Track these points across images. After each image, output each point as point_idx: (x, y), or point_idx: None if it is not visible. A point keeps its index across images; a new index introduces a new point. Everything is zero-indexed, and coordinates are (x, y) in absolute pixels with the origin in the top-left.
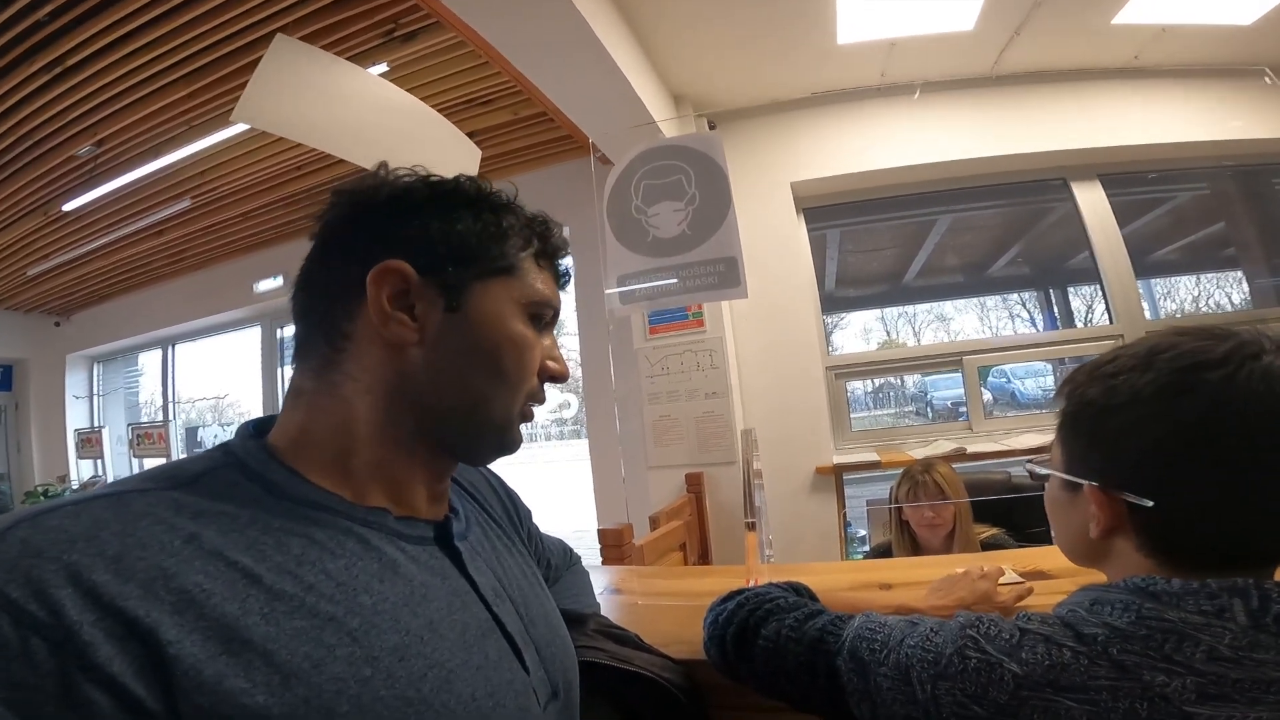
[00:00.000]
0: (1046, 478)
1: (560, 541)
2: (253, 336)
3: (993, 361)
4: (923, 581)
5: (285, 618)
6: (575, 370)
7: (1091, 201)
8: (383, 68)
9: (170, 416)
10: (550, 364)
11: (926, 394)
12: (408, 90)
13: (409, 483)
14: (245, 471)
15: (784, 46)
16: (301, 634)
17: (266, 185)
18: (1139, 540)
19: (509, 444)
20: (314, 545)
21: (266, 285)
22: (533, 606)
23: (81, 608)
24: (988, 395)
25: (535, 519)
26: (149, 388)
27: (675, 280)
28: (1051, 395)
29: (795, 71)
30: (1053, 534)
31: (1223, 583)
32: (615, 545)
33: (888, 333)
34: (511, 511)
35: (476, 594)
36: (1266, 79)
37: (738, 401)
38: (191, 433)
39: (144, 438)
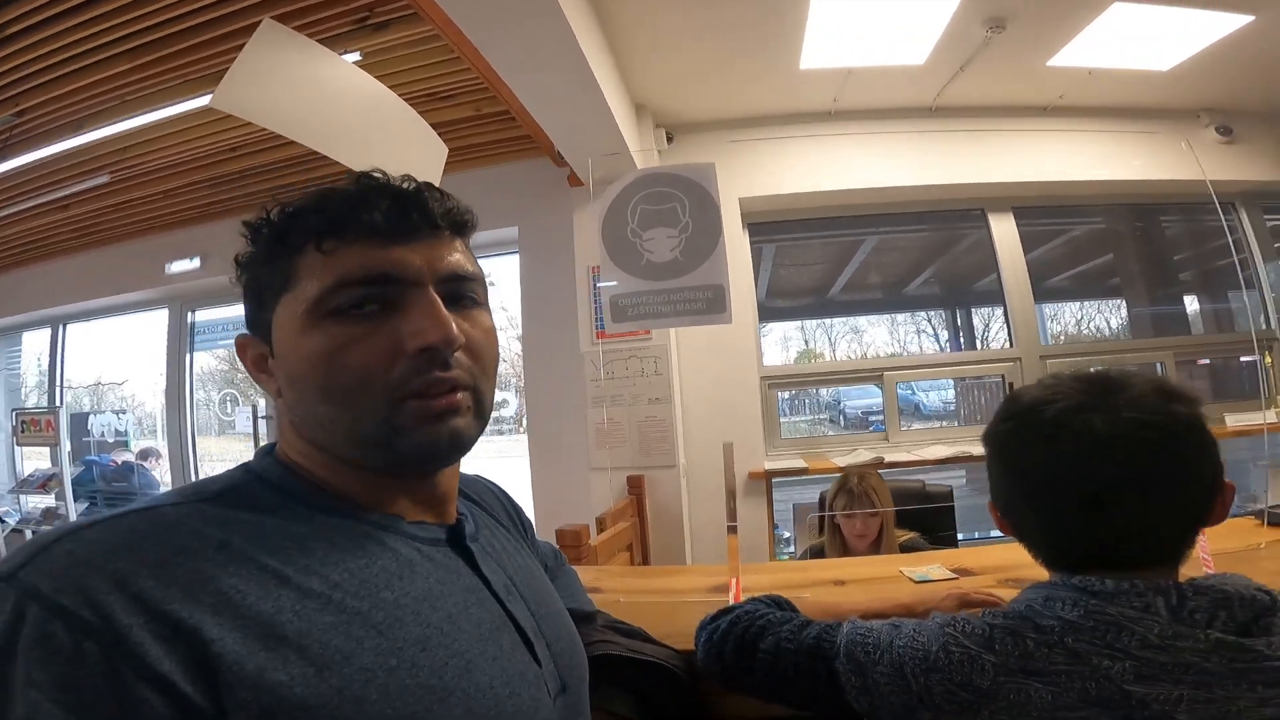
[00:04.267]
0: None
1: (549, 544)
2: (158, 319)
3: (910, 377)
4: (864, 579)
5: (315, 614)
6: (516, 366)
7: (1004, 232)
8: (355, 56)
9: (58, 402)
10: (411, 338)
11: (839, 402)
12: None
13: (392, 499)
14: (266, 484)
15: (750, 67)
16: (331, 628)
17: (196, 164)
18: (1030, 551)
19: (407, 448)
20: (335, 548)
21: (181, 266)
22: (542, 604)
23: (130, 612)
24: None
25: None
26: (32, 369)
27: (666, 303)
28: (952, 407)
29: (755, 91)
30: None
31: (1148, 583)
32: (574, 545)
33: (806, 342)
34: (516, 519)
35: (489, 591)
36: (1172, 136)
37: (679, 407)
38: (79, 420)
39: (30, 424)
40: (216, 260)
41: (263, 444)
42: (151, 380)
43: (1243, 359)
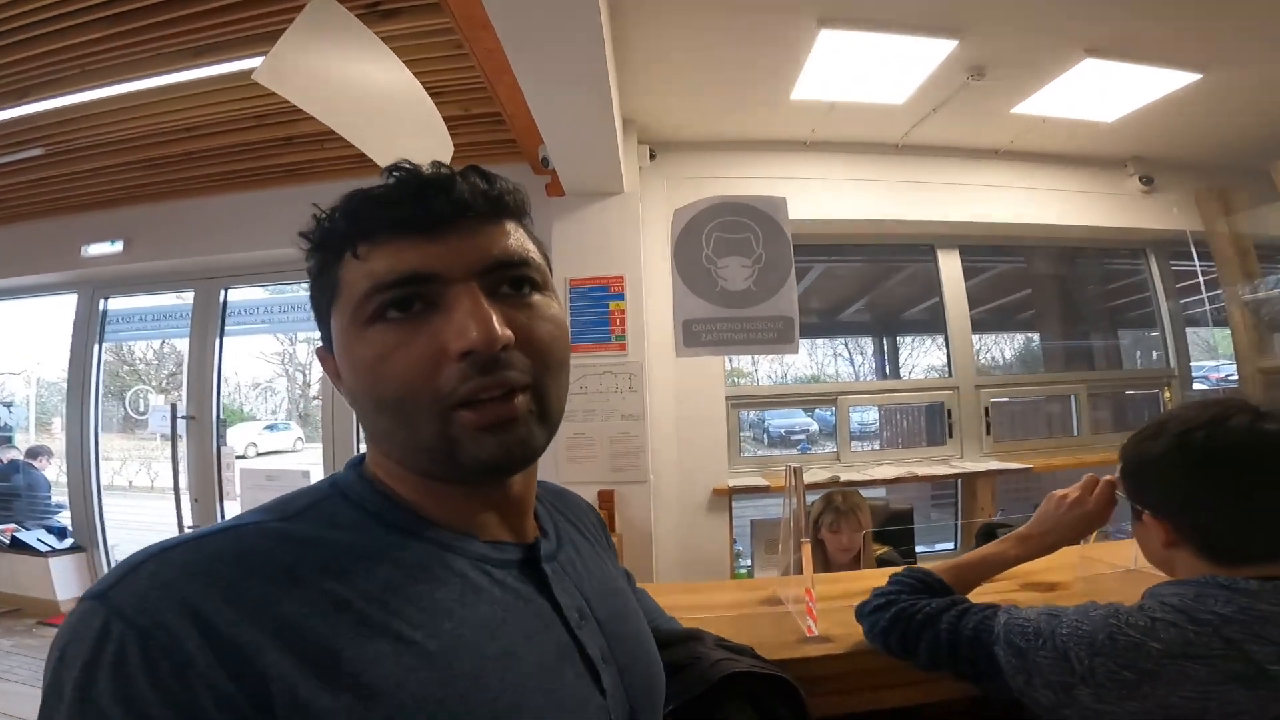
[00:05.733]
0: (1135, 508)
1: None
2: (65, 305)
3: (861, 402)
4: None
5: (370, 642)
6: None
7: (950, 267)
8: None
9: None
10: (452, 340)
11: (764, 421)
12: None
13: (467, 513)
14: (346, 500)
15: (742, 95)
16: (384, 657)
17: (139, 143)
18: (1193, 549)
19: (466, 461)
20: (401, 571)
21: (99, 249)
22: (619, 625)
23: (199, 634)
24: (815, 425)
25: None
26: None
27: (739, 331)
28: (873, 429)
29: (741, 117)
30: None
31: None
32: None
33: (731, 362)
34: (602, 532)
35: (559, 617)
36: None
37: (650, 424)
38: None
39: None
40: (143, 245)
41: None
42: (27, 369)
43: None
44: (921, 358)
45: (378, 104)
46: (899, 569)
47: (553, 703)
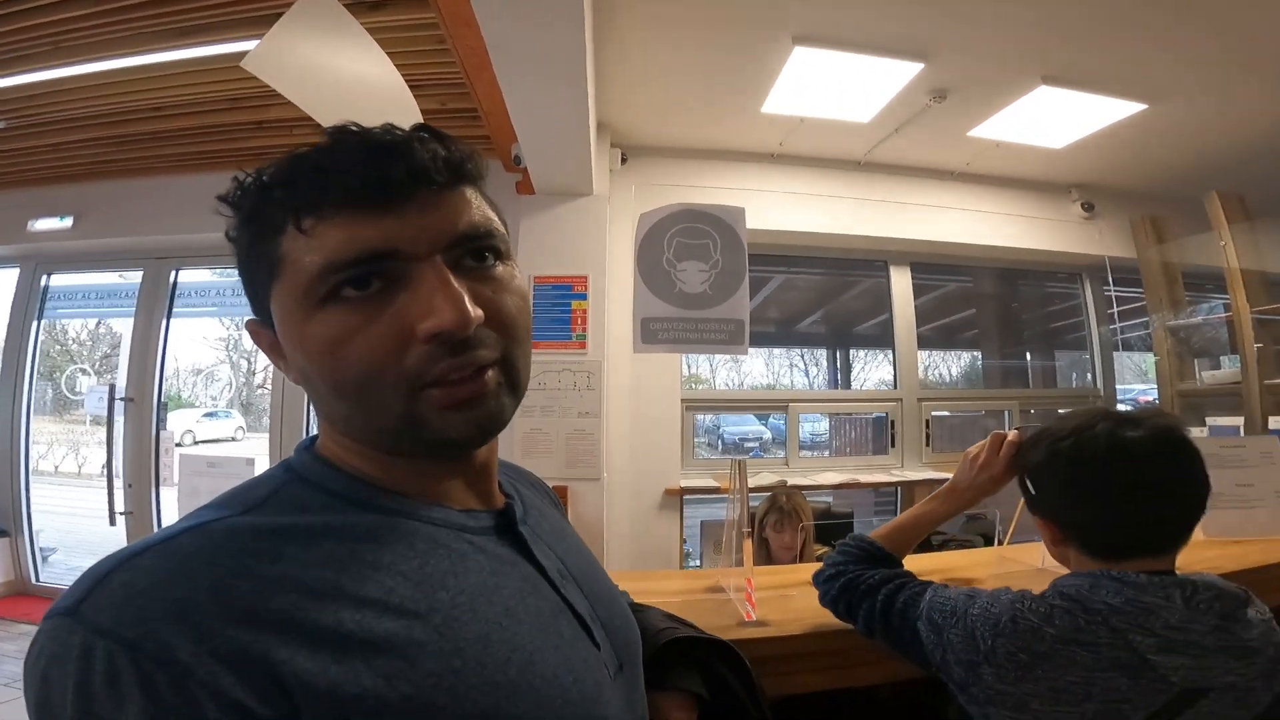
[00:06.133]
0: (1030, 509)
1: None
2: (6, 279)
3: (811, 410)
4: (778, 585)
5: (375, 621)
6: None
7: (901, 284)
8: None
9: None
10: (419, 321)
11: (719, 428)
12: None
13: (435, 484)
14: (308, 484)
15: (715, 105)
16: (393, 635)
17: (107, 120)
18: (1077, 547)
19: (435, 437)
20: (386, 550)
21: (46, 224)
22: (594, 583)
23: (194, 641)
24: (767, 434)
25: None
26: None
27: (694, 331)
28: (823, 439)
29: (713, 127)
30: None
31: (1168, 578)
32: None
33: (690, 367)
34: (554, 500)
35: (545, 577)
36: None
37: (607, 422)
38: None
39: None
40: (93, 222)
41: (303, 437)
42: None
43: (1060, 410)
44: (874, 371)
45: (359, 94)
46: (846, 538)
47: (560, 658)
